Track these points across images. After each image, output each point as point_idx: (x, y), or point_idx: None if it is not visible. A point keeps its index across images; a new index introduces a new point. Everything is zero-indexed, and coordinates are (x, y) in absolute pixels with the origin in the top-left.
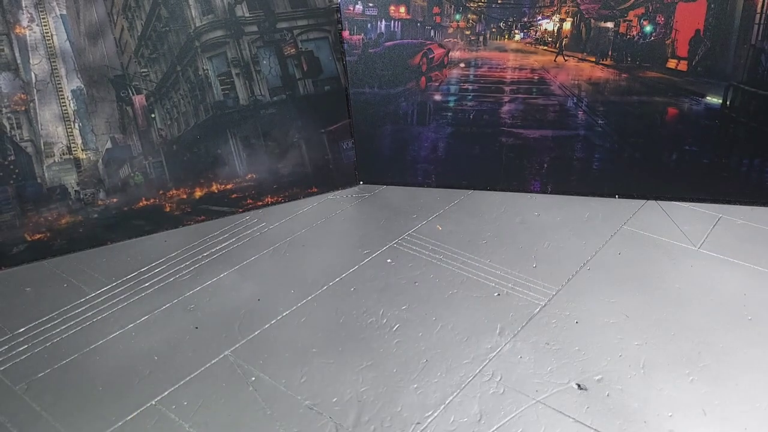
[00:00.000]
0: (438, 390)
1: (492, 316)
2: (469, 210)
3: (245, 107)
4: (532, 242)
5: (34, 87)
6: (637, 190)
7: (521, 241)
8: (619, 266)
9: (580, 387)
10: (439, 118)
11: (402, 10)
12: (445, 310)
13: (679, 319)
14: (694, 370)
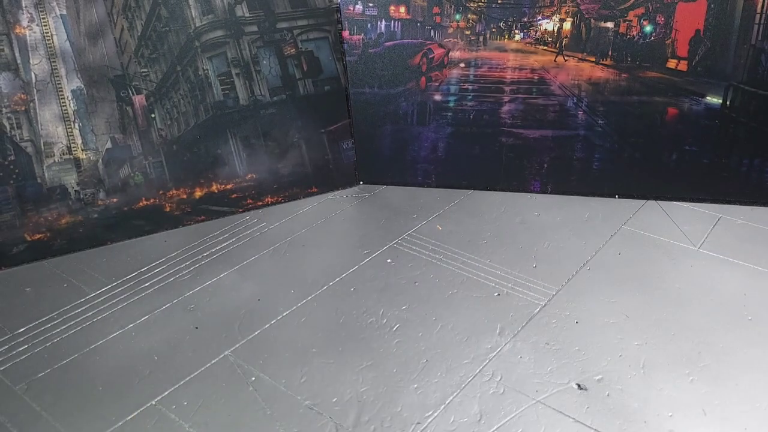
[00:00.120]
0: (438, 390)
1: (492, 316)
2: (469, 210)
3: (245, 107)
4: (532, 242)
5: (34, 87)
6: (637, 190)
7: (521, 241)
8: (619, 266)
9: (580, 387)
10: (439, 118)
11: (402, 10)
12: (445, 310)
13: (679, 319)
14: (694, 370)
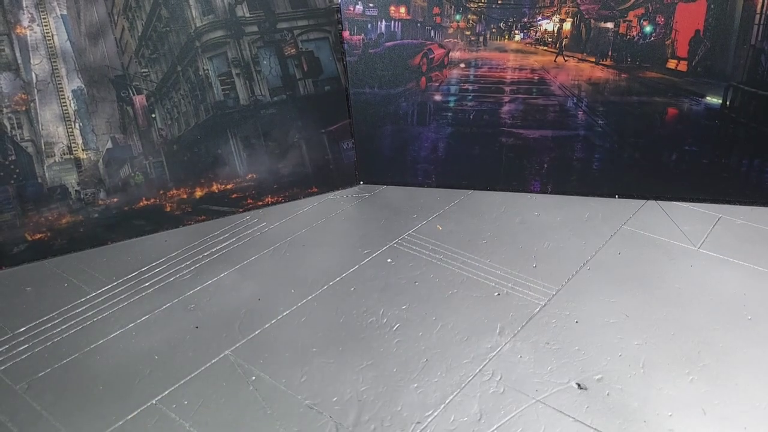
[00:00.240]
0: (438, 389)
1: (492, 315)
2: (469, 210)
3: (245, 107)
4: (532, 242)
5: (34, 87)
6: (637, 190)
7: (521, 241)
8: (618, 266)
9: (580, 386)
10: (439, 118)
11: (402, 11)
12: (445, 310)
13: (678, 319)
14: (694, 369)
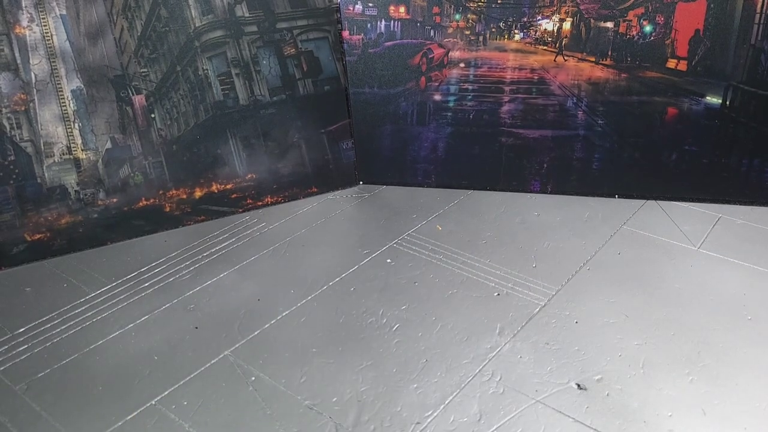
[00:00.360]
0: (438, 390)
1: (492, 316)
2: (469, 210)
3: (245, 107)
4: (532, 242)
5: (33, 87)
6: (637, 190)
7: (521, 241)
8: (618, 266)
9: (580, 387)
10: (438, 118)
11: (402, 10)
12: (444, 310)
13: (678, 319)
14: (694, 369)
